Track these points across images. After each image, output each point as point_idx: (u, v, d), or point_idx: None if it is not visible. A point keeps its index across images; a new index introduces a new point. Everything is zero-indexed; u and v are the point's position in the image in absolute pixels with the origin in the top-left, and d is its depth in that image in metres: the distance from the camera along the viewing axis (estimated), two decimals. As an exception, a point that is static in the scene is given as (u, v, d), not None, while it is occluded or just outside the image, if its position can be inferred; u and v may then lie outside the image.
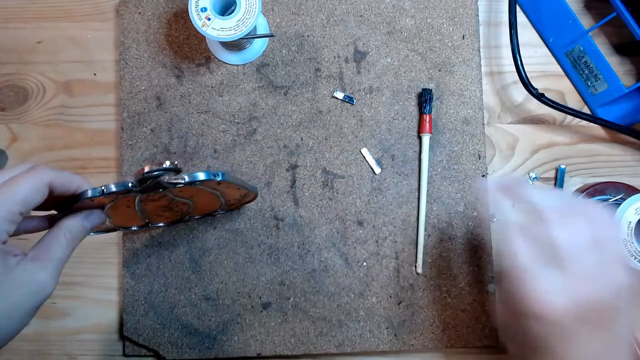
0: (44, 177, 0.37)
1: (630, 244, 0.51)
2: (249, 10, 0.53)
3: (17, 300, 0.36)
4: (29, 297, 0.36)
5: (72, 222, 0.40)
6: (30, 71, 0.61)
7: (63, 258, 0.39)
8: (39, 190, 0.37)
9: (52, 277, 0.38)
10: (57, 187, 0.38)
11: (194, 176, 0.43)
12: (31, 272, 0.36)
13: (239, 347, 0.56)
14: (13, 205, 0.35)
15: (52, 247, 0.39)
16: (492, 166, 0.61)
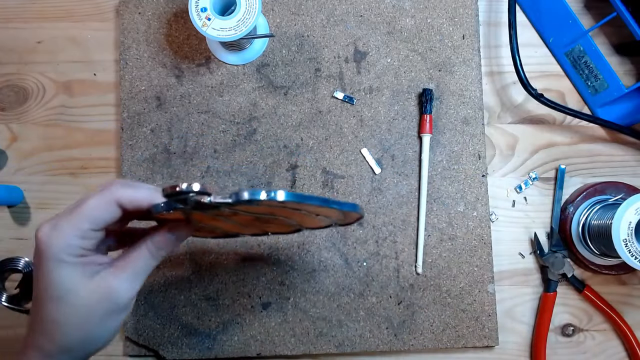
0: (110, 194, 0.39)
1: (630, 244, 0.51)
2: (249, 10, 0.53)
3: (92, 305, 0.38)
4: (102, 303, 0.39)
5: (157, 236, 0.41)
6: (30, 71, 0.61)
7: (143, 268, 0.41)
8: (107, 207, 0.39)
9: (126, 286, 0.39)
10: (127, 203, 0.39)
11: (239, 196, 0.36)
12: (106, 279, 0.39)
13: (239, 347, 0.56)
14: (81, 222, 0.38)
15: (131, 257, 0.40)
16: (492, 166, 0.61)
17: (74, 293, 0.38)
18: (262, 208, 0.39)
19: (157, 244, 0.41)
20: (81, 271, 0.38)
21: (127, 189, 0.39)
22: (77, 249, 0.38)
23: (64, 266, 0.38)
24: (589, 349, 0.59)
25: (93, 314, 0.39)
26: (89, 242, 0.39)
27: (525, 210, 0.60)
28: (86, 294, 0.38)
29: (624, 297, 0.59)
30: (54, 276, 0.38)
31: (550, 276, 0.58)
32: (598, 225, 0.55)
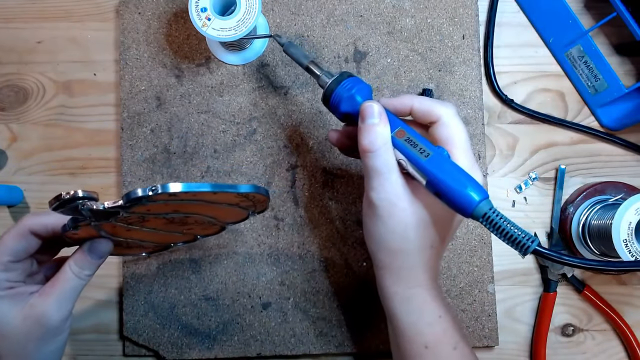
0: (22, 225, 0.41)
1: (630, 244, 0.51)
2: (249, 10, 0.53)
3: (26, 334, 0.40)
4: (35, 330, 0.40)
5: (77, 255, 0.42)
6: (30, 71, 0.61)
7: (69, 289, 0.42)
8: (21, 237, 0.41)
9: (54, 309, 0.41)
10: (39, 229, 0.41)
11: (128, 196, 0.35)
12: (34, 306, 0.40)
13: (239, 347, 0.56)
14: (1, 257, 0.40)
15: (57, 280, 0.42)
16: (492, 166, 0.61)
17: (6, 325, 0.40)
18: (161, 206, 0.39)
19: (79, 264, 0.42)
20: (11, 302, 0.40)
21: (37, 217, 0.41)
22: (2, 282, 0.40)
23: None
24: (589, 349, 0.59)
25: (28, 342, 0.40)
26: (13, 273, 0.41)
27: (525, 211, 0.60)
28: (18, 323, 0.40)
29: (623, 297, 0.59)
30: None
31: (550, 276, 0.58)
32: (598, 225, 0.55)
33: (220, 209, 0.44)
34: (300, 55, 0.49)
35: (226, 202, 0.43)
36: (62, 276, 0.42)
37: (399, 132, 0.42)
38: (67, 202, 0.36)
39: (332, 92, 0.45)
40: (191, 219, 0.45)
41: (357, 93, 0.45)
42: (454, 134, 0.42)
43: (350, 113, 0.45)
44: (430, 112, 0.43)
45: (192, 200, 0.39)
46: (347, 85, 0.45)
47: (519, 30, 0.62)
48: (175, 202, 0.39)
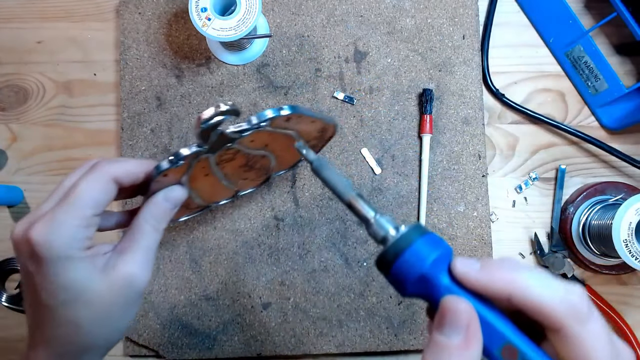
0: (106, 173, 0.35)
1: (631, 244, 0.51)
2: (249, 10, 0.53)
3: (112, 298, 0.35)
4: (123, 294, 0.35)
5: (152, 206, 0.38)
6: (30, 71, 0.61)
7: (150, 245, 0.37)
8: (105, 187, 0.35)
9: (141, 268, 0.36)
10: (123, 178, 0.36)
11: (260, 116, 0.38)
12: (120, 267, 0.36)
13: (239, 347, 0.56)
14: (83, 210, 0.34)
15: (135, 237, 0.37)
16: (492, 166, 0.61)
17: (90, 291, 0.34)
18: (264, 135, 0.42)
19: (155, 216, 0.38)
20: (92, 265, 0.35)
21: (118, 163, 0.36)
22: (84, 241, 0.34)
23: (72, 265, 0.34)
24: (589, 349, 0.59)
25: (114, 308, 0.35)
26: (92, 230, 0.35)
27: (525, 211, 0.60)
28: (103, 288, 0.35)
29: (624, 297, 0.59)
30: (62, 279, 0.33)
31: (550, 276, 0.58)
32: (598, 225, 0.55)
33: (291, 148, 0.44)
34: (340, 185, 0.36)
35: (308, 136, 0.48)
36: (140, 231, 0.37)
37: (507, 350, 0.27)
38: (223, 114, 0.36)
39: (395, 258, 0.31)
40: (259, 164, 0.48)
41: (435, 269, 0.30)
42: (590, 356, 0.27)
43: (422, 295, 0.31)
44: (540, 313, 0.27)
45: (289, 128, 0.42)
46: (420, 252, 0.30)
47: (519, 30, 0.62)
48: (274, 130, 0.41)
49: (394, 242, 0.31)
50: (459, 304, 0.28)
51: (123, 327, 0.37)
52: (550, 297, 0.27)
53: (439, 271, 0.30)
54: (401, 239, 0.31)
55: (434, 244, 0.31)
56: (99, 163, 0.36)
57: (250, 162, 0.47)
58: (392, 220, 0.33)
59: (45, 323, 0.35)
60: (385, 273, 0.32)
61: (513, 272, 0.28)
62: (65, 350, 0.35)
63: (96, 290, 0.34)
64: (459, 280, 0.29)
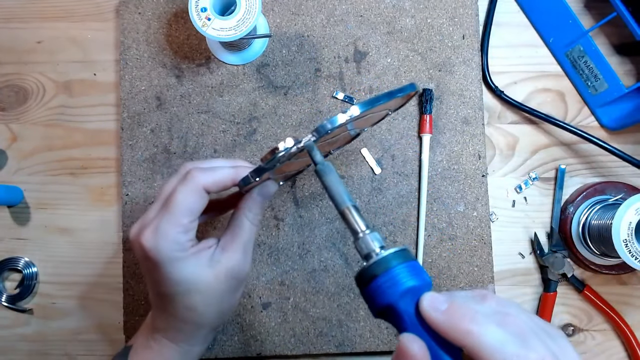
0: (196, 183, 0.40)
1: (630, 244, 0.51)
2: (249, 10, 0.53)
3: (219, 287, 0.41)
4: (229, 283, 0.41)
5: (249, 203, 0.43)
6: (30, 71, 0.61)
7: (249, 237, 0.43)
8: (197, 197, 0.40)
9: (241, 260, 0.42)
10: (213, 187, 0.41)
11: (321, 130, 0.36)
12: (224, 262, 0.41)
13: (239, 347, 0.56)
14: (180, 218, 0.39)
15: (236, 232, 0.42)
16: (492, 166, 0.61)
17: (200, 283, 0.40)
18: (340, 129, 0.41)
19: (253, 210, 0.43)
20: (198, 261, 0.40)
21: (208, 173, 0.41)
22: (186, 244, 0.40)
23: (181, 263, 0.40)
24: (589, 349, 0.59)
25: (221, 294, 0.41)
26: (192, 232, 0.41)
27: (525, 210, 0.60)
28: (211, 279, 0.40)
29: (624, 297, 0.59)
30: (175, 276, 0.39)
31: (550, 276, 0.58)
32: (598, 225, 0.55)
33: (373, 116, 0.46)
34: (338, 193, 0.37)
35: (389, 108, 0.47)
36: (241, 226, 0.42)
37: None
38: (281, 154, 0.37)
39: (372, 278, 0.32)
40: (341, 136, 0.48)
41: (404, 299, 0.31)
42: None
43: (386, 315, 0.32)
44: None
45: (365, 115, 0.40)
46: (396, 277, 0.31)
47: (519, 30, 0.62)
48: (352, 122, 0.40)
49: (373, 263, 0.32)
50: (413, 345, 0.29)
51: (229, 309, 0.44)
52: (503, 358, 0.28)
53: (407, 303, 0.31)
54: (381, 262, 0.32)
55: (412, 274, 0.31)
56: (191, 172, 0.41)
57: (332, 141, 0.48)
58: (381, 239, 0.34)
59: (167, 307, 0.42)
60: (360, 290, 0.33)
61: (474, 323, 0.29)
62: (183, 327, 0.42)
63: (204, 281, 0.40)
64: (422, 316, 0.30)
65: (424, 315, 0.30)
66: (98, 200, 0.60)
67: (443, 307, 0.30)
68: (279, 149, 0.37)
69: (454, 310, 0.30)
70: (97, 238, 0.59)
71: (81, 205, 0.60)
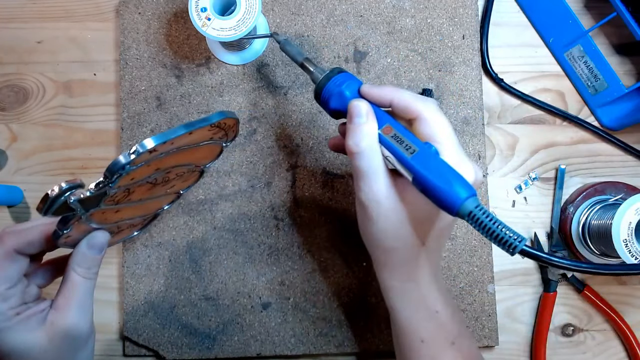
0: (6, 248, 0.38)
1: (630, 244, 0.51)
2: (249, 10, 0.53)
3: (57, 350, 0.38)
4: (66, 342, 0.38)
5: (77, 257, 0.40)
6: (30, 71, 0.61)
7: (83, 293, 0.40)
8: (9, 262, 0.38)
9: (77, 318, 0.39)
10: (26, 248, 0.38)
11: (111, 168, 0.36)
12: (57, 323, 0.38)
13: (239, 347, 0.56)
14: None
15: (68, 290, 0.40)
16: (492, 166, 0.61)
17: (34, 349, 0.37)
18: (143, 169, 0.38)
19: (83, 265, 0.40)
20: (27, 328, 0.38)
21: (17, 235, 0.38)
22: (7, 312, 0.37)
23: (7, 334, 0.37)
24: (589, 349, 0.59)
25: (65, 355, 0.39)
26: (14, 299, 0.38)
27: (525, 210, 0.60)
28: (45, 343, 0.38)
29: (624, 297, 0.59)
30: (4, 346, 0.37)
31: (550, 276, 0.58)
32: (598, 225, 0.55)
33: (197, 149, 0.44)
34: (296, 53, 0.49)
35: (201, 140, 0.44)
36: (71, 283, 0.40)
37: (386, 129, 0.40)
38: (56, 199, 0.34)
39: (322, 88, 0.45)
40: (172, 174, 0.45)
41: (347, 89, 0.44)
42: (436, 130, 0.39)
43: (340, 110, 0.44)
44: (408, 108, 0.41)
45: (171, 150, 0.39)
46: (337, 81, 0.44)
47: (519, 30, 0.62)
48: (155, 158, 0.38)
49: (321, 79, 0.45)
50: (361, 102, 0.41)
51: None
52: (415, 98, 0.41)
53: (351, 90, 0.44)
54: (325, 76, 0.45)
55: (347, 77, 0.45)
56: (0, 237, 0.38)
57: (158, 181, 0.44)
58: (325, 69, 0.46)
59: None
60: (318, 100, 0.45)
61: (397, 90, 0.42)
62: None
63: (38, 347, 0.38)
64: (362, 95, 0.43)
65: (363, 91, 0.43)
66: (98, 200, 0.60)
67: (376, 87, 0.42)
68: (49, 195, 0.35)
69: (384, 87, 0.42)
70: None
71: (81, 205, 0.60)
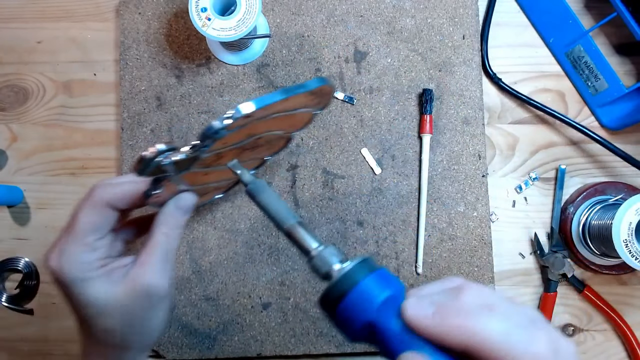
0: (99, 200, 0.38)
1: (631, 244, 0.51)
2: (249, 10, 0.53)
3: (135, 306, 0.38)
4: (143, 302, 0.38)
5: (164, 216, 0.40)
6: (30, 71, 0.61)
7: (166, 253, 0.40)
8: (100, 213, 0.38)
9: (158, 276, 0.39)
10: (118, 202, 0.38)
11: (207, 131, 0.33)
12: (137, 279, 0.38)
13: (239, 347, 0.56)
14: (84, 238, 0.37)
15: (151, 248, 0.39)
16: (492, 166, 0.61)
17: (111, 303, 0.38)
18: (236, 135, 0.37)
19: (169, 224, 0.40)
20: (108, 281, 0.38)
21: (110, 188, 0.38)
22: (93, 263, 0.38)
23: (89, 284, 0.37)
24: (590, 349, 0.59)
25: (136, 314, 0.39)
26: (101, 251, 0.38)
27: (525, 211, 0.60)
28: (124, 298, 0.38)
29: (624, 297, 0.59)
30: (85, 297, 0.37)
31: (550, 276, 0.58)
32: (598, 225, 0.55)
33: (289, 117, 0.42)
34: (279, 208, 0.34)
35: (296, 107, 0.41)
36: (155, 242, 0.39)
37: None
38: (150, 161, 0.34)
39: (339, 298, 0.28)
40: (262, 140, 0.44)
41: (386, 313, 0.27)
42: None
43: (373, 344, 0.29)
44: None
45: (265, 116, 0.37)
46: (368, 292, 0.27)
47: (519, 30, 0.62)
48: (249, 123, 0.36)
49: (337, 280, 0.28)
50: None
51: (155, 329, 0.40)
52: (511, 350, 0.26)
53: (388, 316, 0.27)
54: (346, 277, 0.28)
55: (384, 283, 0.28)
56: (93, 189, 0.38)
57: (247, 146, 0.43)
58: (337, 252, 0.30)
59: (87, 332, 0.39)
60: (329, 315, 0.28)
61: (470, 319, 0.27)
62: (106, 351, 0.40)
63: (118, 302, 0.38)
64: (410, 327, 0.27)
65: (412, 326, 0.27)
66: (98, 201, 0.60)
67: (430, 311, 0.28)
68: (145, 156, 0.34)
69: (445, 311, 0.27)
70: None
71: (81, 206, 0.60)
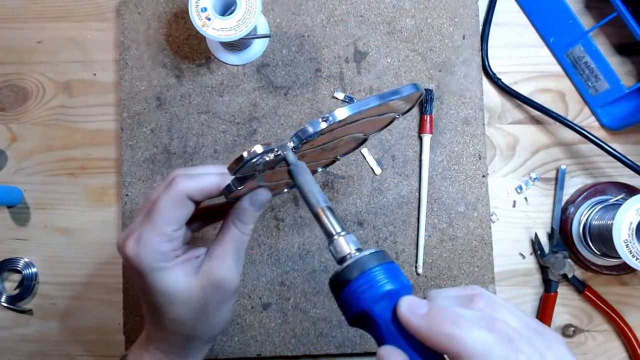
0: (179, 191, 0.38)
1: (631, 244, 0.50)
2: (249, 10, 0.53)
3: (207, 298, 0.39)
4: (215, 294, 0.39)
5: (238, 211, 0.40)
6: (30, 71, 0.61)
7: (239, 248, 0.40)
8: (180, 205, 0.38)
9: (230, 271, 0.39)
10: (197, 195, 0.39)
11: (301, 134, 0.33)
12: (211, 272, 0.39)
13: (239, 347, 0.56)
14: (163, 228, 0.38)
15: (225, 242, 0.40)
16: (492, 166, 0.61)
17: (184, 293, 0.39)
18: (324, 137, 0.38)
19: (243, 220, 0.40)
20: (183, 271, 0.39)
21: (192, 181, 0.38)
22: (169, 253, 0.38)
23: (164, 273, 0.38)
24: (590, 350, 0.59)
25: (210, 306, 0.39)
26: (177, 241, 0.39)
27: (525, 211, 0.60)
28: (197, 290, 0.39)
29: (624, 297, 0.59)
30: (159, 286, 0.38)
31: (550, 277, 0.58)
32: (599, 225, 0.55)
33: (375, 120, 0.42)
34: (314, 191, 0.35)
35: (384, 112, 0.41)
36: (229, 236, 0.40)
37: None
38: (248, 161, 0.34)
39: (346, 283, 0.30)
40: (342, 141, 0.44)
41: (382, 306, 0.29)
42: None
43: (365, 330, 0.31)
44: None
45: (355, 121, 0.37)
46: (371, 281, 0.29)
47: (519, 30, 0.62)
48: (339, 127, 0.36)
49: (347, 266, 0.30)
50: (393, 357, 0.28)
51: (221, 321, 0.41)
52: None
53: (385, 308, 0.29)
54: (356, 264, 0.29)
55: (389, 276, 0.29)
56: (175, 179, 0.39)
57: (328, 148, 0.43)
58: (356, 242, 0.32)
59: (155, 318, 0.40)
60: (335, 296, 0.30)
61: (454, 328, 0.28)
62: (173, 339, 0.41)
63: (191, 292, 0.39)
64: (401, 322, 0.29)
65: (402, 320, 0.29)
66: (98, 201, 0.60)
67: (422, 311, 0.29)
68: (244, 157, 0.34)
69: (435, 314, 0.29)
70: (96, 238, 0.59)
71: (81, 206, 0.60)
